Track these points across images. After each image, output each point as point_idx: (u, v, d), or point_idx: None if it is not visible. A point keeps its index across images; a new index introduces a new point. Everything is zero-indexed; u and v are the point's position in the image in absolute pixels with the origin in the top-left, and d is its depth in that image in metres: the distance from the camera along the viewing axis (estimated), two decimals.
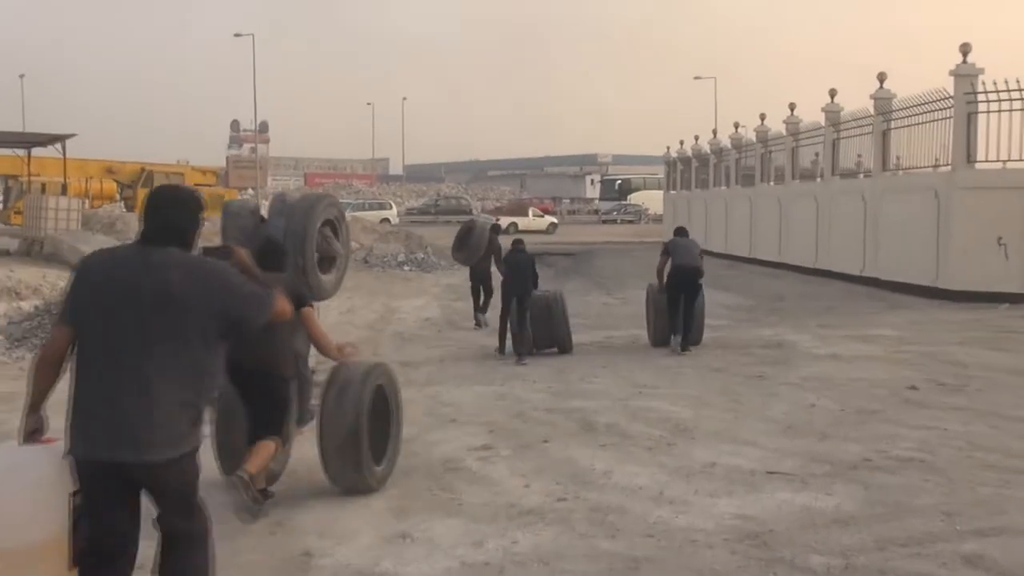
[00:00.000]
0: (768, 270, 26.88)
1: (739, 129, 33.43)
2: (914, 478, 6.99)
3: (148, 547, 3.89)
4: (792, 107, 27.97)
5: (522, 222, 53.39)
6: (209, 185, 44.29)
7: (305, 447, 7.65)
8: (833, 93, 24.94)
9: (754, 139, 31.15)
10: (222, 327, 3.73)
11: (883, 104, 22.02)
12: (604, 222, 63.33)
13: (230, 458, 6.37)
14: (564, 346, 13.89)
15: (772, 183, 29.53)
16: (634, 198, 67.94)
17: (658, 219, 49.44)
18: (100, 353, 3.60)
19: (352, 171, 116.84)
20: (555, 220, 55.73)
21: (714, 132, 36.68)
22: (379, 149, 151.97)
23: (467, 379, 11.75)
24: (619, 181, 73.27)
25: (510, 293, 13.59)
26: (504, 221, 52.08)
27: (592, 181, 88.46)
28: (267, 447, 5.95)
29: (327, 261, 7.89)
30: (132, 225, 30.31)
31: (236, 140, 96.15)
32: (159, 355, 3.58)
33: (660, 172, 49.05)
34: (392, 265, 27.56)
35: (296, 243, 7.39)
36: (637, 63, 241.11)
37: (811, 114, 27.12)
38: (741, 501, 6.47)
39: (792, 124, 27.75)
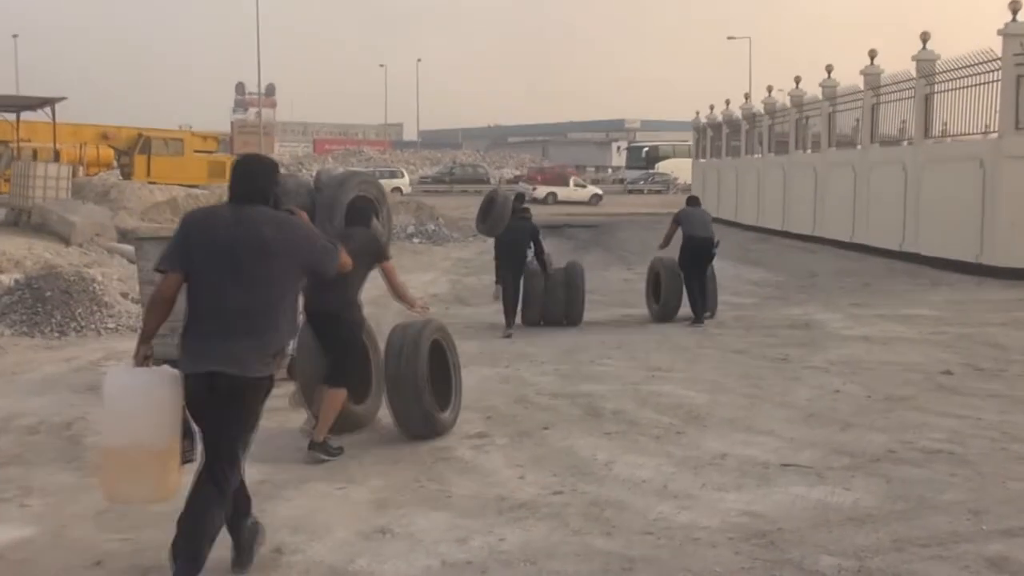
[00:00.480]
0: (802, 244, 26.79)
1: (773, 93, 33.13)
2: (941, 472, 6.85)
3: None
4: (829, 69, 27.64)
5: (561, 192, 52.33)
6: (210, 152, 44.26)
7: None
8: (873, 54, 24.63)
9: (788, 104, 30.83)
10: (301, 272, 4.90)
11: (926, 67, 21.70)
12: (630, 192, 63.16)
13: (305, 392, 7.79)
14: (574, 320, 14.33)
15: (808, 151, 29.26)
16: (662, 167, 67.66)
17: (687, 189, 49.14)
18: (207, 292, 4.68)
19: (364, 137, 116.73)
20: (599, 191, 53.73)
21: (746, 96, 36.39)
22: (393, 114, 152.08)
23: (471, 360, 11.52)
24: (646, 148, 72.98)
25: (507, 265, 13.93)
26: (541, 191, 51.59)
27: (618, 149, 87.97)
28: (335, 400, 7.22)
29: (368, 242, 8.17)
30: (127, 194, 30.37)
31: (241, 104, 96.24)
32: (254, 293, 4.67)
33: (690, 139, 48.71)
34: (401, 237, 27.53)
35: (325, 214, 8.23)
36: (668, 23, 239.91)
37: (850, 77, 26.83)
38: (751, 496, 6.35)
39: (829, 88, 27.45)
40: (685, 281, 14.27)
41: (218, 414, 4.74)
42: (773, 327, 13.78)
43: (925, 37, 21.89)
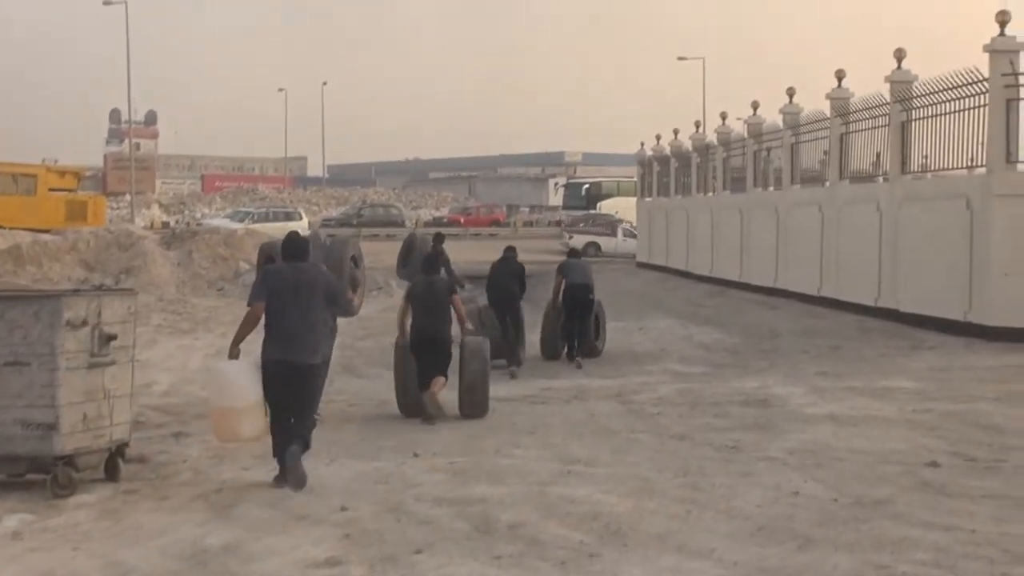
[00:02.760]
0: (762, 298, 26.41)
1: (727, 121, 32.79)
2: None
3: None
4: (791, 93, 27.32)
5: (607, 243, 46.92)
6: (69, 189, 42.96)
7: None
8: (841, 75, 24.30)
9: (746, 134, 30.50)
10: (329, 302, 9.58)
11: (902, 89, 21.35)
12: (569, 235, 62.63)
13: (404, 394, 13.04)
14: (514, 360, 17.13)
15: (769, 188, 28.89)
16: (605, 206, 67.35)
17: (633, 232, 48.90)
18: (281, 312, 9.19)
19: (262, 172, 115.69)
20: None
21: (697, 125, 36.07)
22: (296, 146, 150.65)
23: (346, 450, 11.03)
24: (587, 185, 72.90)
25: (497, 306, 17.28)
26: (578, 240, 45.76)
27: (556, 186, 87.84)
28: (440, 380, 12.66)
29: (352, 285, 12.56)
30: None
31: (117, 134, 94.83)
32: (309, 312, 9.29)
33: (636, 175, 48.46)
34: None
35: (334, 270, 11.89)
36: (613, 42, 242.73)
37: (816, 102, 26.47)
38: None
39: (791, 115, 27.10)
40: (565, 320, 17.96)
41: (288, 386, 9.24)
42: (723, 404, 13.34)
43: (900, 55, 21.55)
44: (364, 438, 11.65)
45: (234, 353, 9.33)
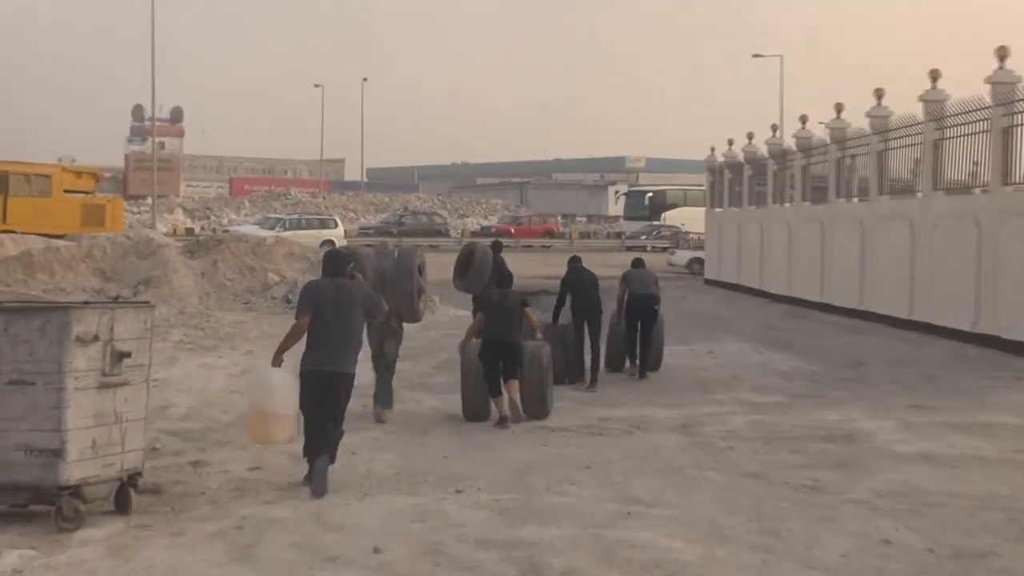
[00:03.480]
0: (845, 321, 26.39)
1: (808, 125, 32.62)
2: None
3: None
4: (879, 95, 27.11)
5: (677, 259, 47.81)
6: (86, 191, 43.36)
7: None
8: (936, 76, 24.10)
9: (828, 139, 30.31)
10: (365, 315, 11.11)
11: (1004, 91, 21.17)
12: (629, 248, 62.50)
13: (471, 408, 14.56)
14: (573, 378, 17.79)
15: (853, 199, 28.69)
16: (671, 217, 67.44)
17: (701, 245, 48.69)
18: (324, 324, 10.54)
19: (295, 175, 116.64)
20: None
21: (774, 129, 35.98)
22: (332, 148, 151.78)
23: (380, 484, 11.01)
24: (650, 194, 72.91)
25: (588, 316, 17.67)
26: (681, 256, 48.07)
27: (616, 194, 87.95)
28: (515, 384, 14.29)
29: (418, 292, 14.81)
30: None
31: (139, 132, 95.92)
32: (348, 325, 10.73)
33: (704, 183, 48.28)
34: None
35: (404, 276, 14.55)
36: (682, 38, 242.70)
37: (906, 104, 26.25)
38: None
39: (879, 118, 26.93)
40: (626, 332, 18.76)
41: (327, 394, 10.59)
42: (802, 439, 13.25)
43: (1003, 53, 21.32)
44: (400, 471, 11.55)
45: (277, 361, 10.72)
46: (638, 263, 19.79)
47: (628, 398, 16.94)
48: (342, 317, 10.65)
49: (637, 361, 18.62)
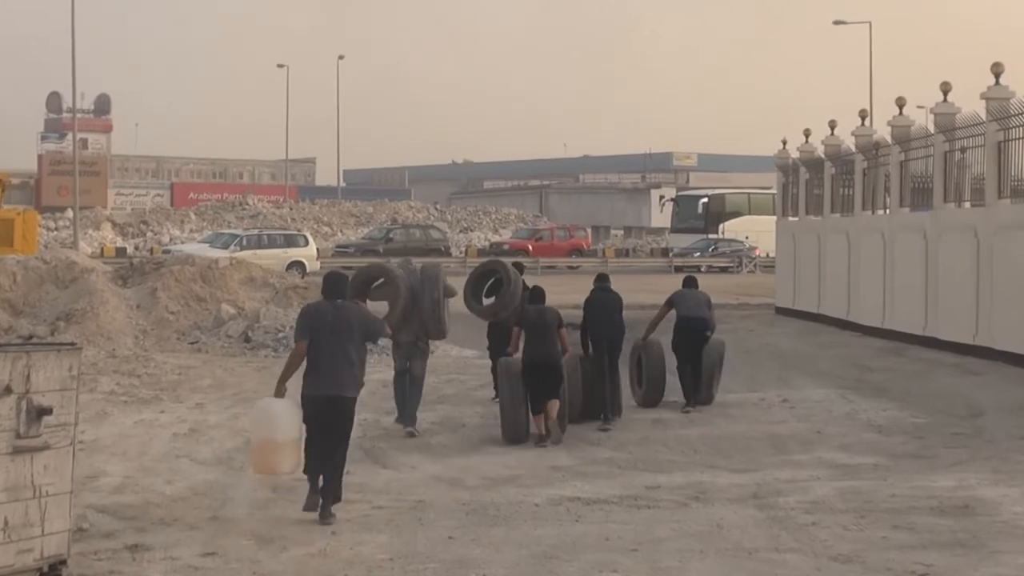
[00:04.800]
0: (958, 359, 26.34)
1: (905, 111, 32.49)
2: None
3: None
4: (997, 72, 27.03)
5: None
6: None
7: None
8: None
9: (932, 128, 30.23)
10: (364, 337, 13.66)
11: None
12: (679, 269, 62.49)
13: (512, 427, 17.52)
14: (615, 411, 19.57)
15: (966, 204, 28.60)
16: (732, 228, 67.30)
17: (771, 264, 48.63)
18: (321, 349, 13.10)
19: (254, 179, 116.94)
20: None
21: (863, 116, 35.89)
22: (302, 145, 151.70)
23: (371, 573, 11.11)
24: (705, 199, 72.67)
25: (608, 343, 19.44)
26: None
27: (661, 200, 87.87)
28: (555, 404, 17.38)
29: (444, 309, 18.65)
30: None
31: (56, 127, 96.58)
32: (347, 348, 13.19)
33: (775, 185, 48.22)
34: (286, 345, 26.65)
35: (430, 291, 18.12)
36: (742, 4, 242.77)
37: None
38: None
39: (997, 101, 26.80)
40: (678, 363, 20.54)
41: (329, 418, 12.90)
42: (906, 511, 13.30)
43: None
44: (395, 556, 11.64)
45: (280, 391, 13.14)
46: (690, 282, 21.78)
47: (681, 459, 16.98)
48: (341, 341, 13.12)
49: (692, 397, 20.34)
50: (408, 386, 18.28)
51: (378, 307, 18.40)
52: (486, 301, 20.87)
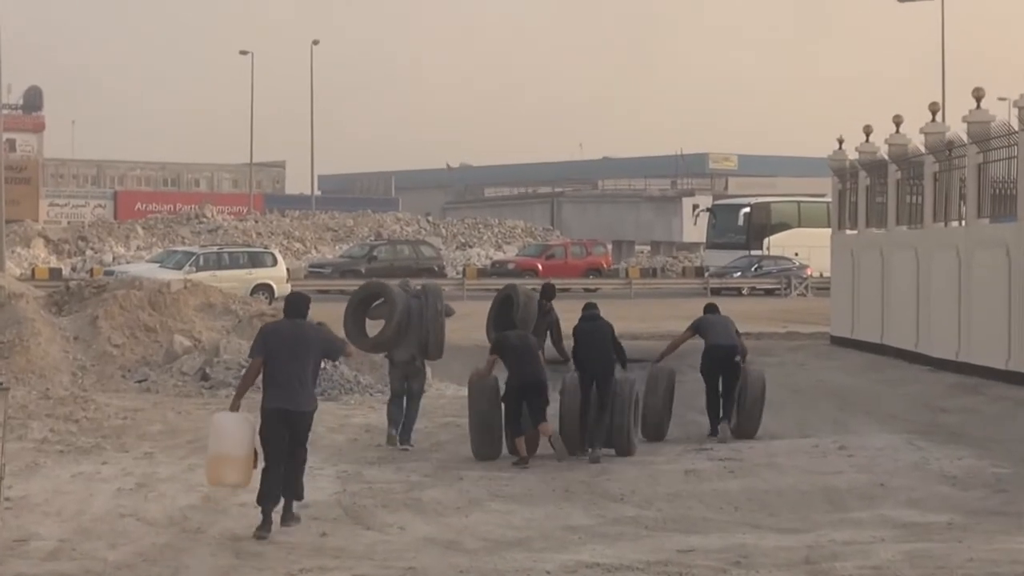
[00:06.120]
0: None
1: (982, 104, 32.49)
2: None
3: None
4: None
5: None
6: None
7: None
8: None
9: (1015, 123, 30.27)
10: (322, 355, 17.23)
11: None
12: (716, 292, 62.54)
13: (488, 445, 20.97)
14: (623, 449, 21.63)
15: None
16: (778, 243, 67.36)
17: (825, 285, 48.65)
18: (278, 366, 16.26)
19: (213, 187, 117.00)
20: None
21: (934, 111, 35.91)
22: (269, 147, 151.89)
23: None
24: (746, 209, 72.63)
25: (598, 375, 21.53)
26: None
27: (695, 210, 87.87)
28: (547, 426, 20.98)
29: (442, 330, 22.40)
30: None
31: None
32: (304, 365, 16.44)
33: (829, 193, 48.30)
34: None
35: (431, 312, 21.57)
36: None
37: None
38: None
39: None
40: (707, 391, 23.07)
41: (287, 431, 15.98)
42: None
43: None
44: None
45: (236, 406, 16.04)
46: (712, 308, 24.61)
47: (719, 518, 17.00)
48: (299, 357, 16.06)
49: (720, 424, 22.80)
50: (406, 401, 21.98)
51: (377, 326, 22.16)
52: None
